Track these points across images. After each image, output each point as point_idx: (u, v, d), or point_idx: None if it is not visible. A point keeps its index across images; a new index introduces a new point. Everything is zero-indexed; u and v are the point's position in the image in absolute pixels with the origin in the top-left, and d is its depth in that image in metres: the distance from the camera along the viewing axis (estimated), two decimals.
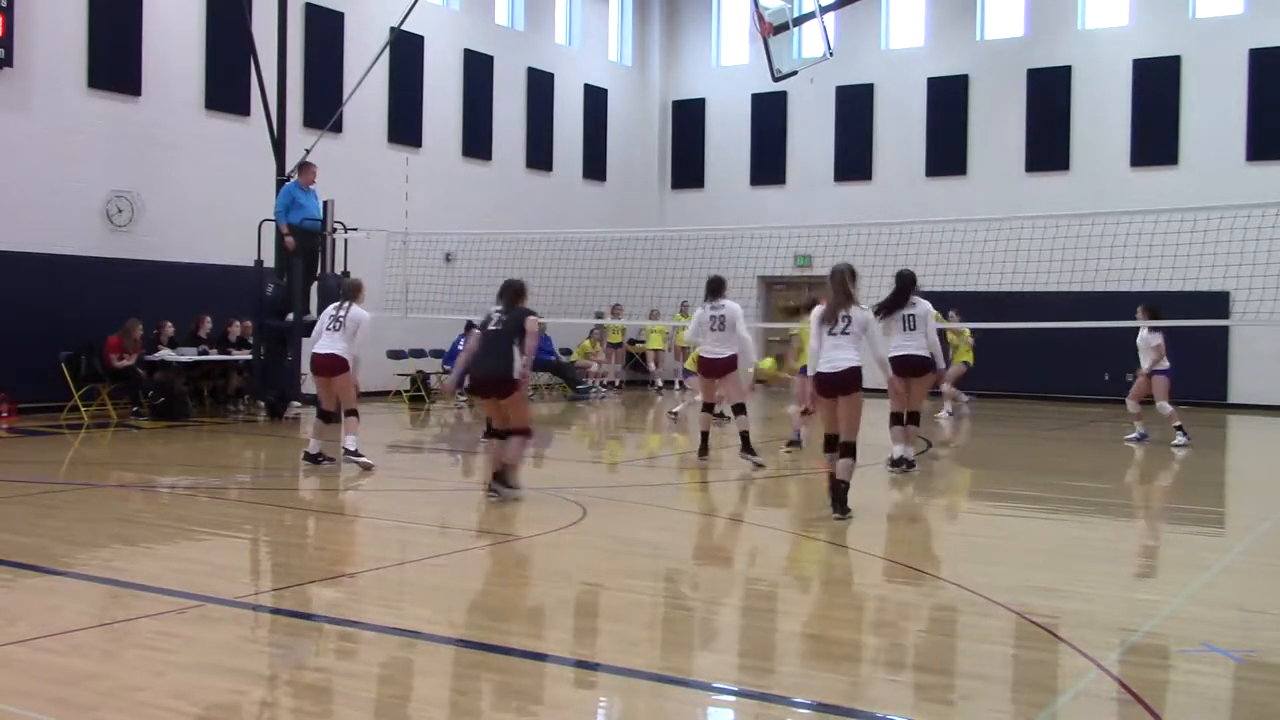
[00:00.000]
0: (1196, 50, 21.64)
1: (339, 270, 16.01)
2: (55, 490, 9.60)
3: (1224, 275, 13.92)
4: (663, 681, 4.55)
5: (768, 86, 21.13)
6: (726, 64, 26.37)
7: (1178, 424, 14.53)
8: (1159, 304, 14.61)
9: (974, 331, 17.69)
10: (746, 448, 11.49)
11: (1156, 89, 21.90)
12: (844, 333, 8.55)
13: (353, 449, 10.84)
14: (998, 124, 23.30)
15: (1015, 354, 21.18)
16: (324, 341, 10.89)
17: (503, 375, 9.06)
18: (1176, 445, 14.29)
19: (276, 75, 16.75)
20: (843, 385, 8.42)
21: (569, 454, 13.55)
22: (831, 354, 8.47)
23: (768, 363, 16.13)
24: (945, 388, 17.49)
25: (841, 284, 8.77)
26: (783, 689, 4.53)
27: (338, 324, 10.87)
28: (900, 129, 24.22)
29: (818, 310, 8.92)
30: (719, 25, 26.65)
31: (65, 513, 8.41)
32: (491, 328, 9.26)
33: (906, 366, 11.07)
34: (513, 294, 9.41)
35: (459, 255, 18.95)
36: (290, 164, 16.23)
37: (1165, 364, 14.61)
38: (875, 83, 24.53)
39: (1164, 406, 14.55)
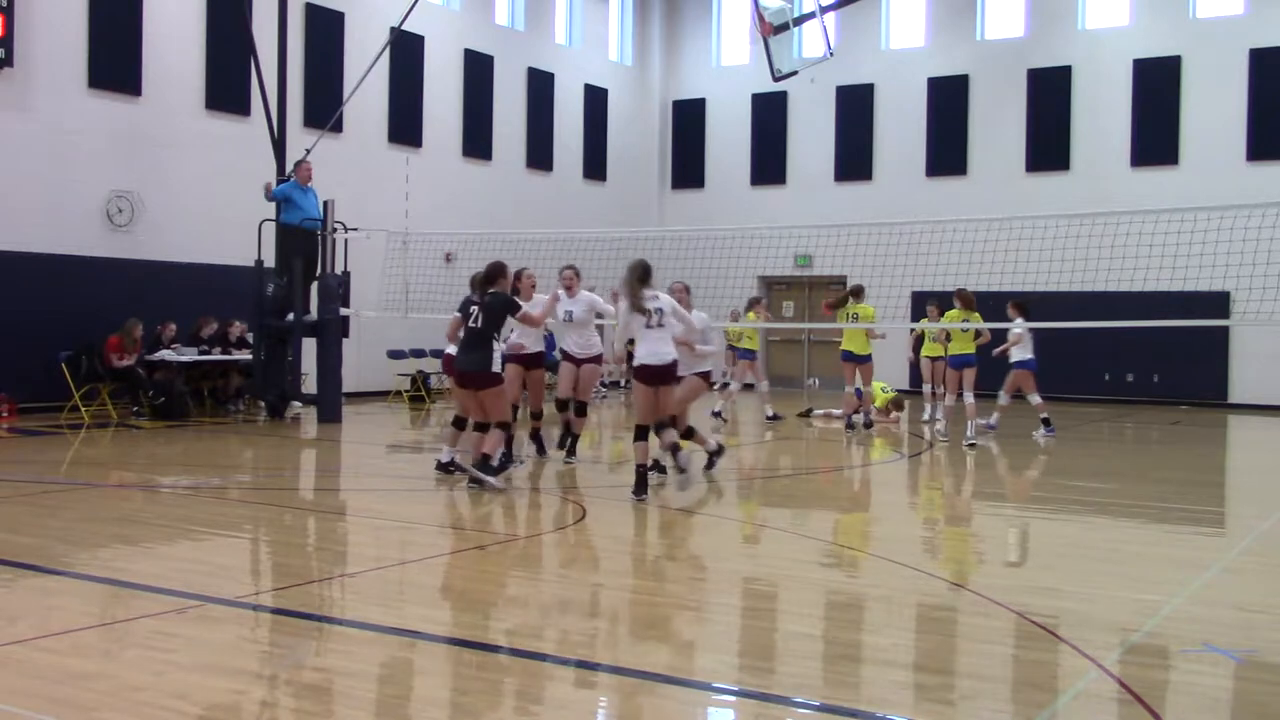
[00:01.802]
0: (1197, 50, 21.65)
1: (339, 270, 16.02)
2: (55, 490, 9.60)
3: (1224, 275, 13.91)
4: (663, 681, 4.55)
5: (768, 86, 21.14)
6: (727, 64, 26.38)
7: (1044, 416, 15.27)
8: (1029, 301, 15.45)
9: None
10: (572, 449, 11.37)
11: (1157, 89, 21.91)
12: (660, 324, 9.25)
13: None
14: (998, 124, 23.31)
15: None
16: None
17: (483, 369, 9.44)
18: (1042, 436, 15.06)
19: (277, 75, 16.75)
20: (665, 377, 9.25)
21: None
22: (656, 346, 9.18)
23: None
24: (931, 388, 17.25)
25: (646, 277, 9.39)
26: (783, 689, 4.53)
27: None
28: (901, 129, 24.23)
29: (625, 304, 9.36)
30: (719, 25, 26.66)
31: (65, 513, 8.41)
32: (471, 324, 9.51)
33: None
34: (485, 280, 9.63)
35: (459, 255, 18.95)
36: (290, 164, 16.25)
37: (1026, 356, 15.24)
38: (875, 83, 24.54)
39: (1034, 398, 15.12)
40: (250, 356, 16.16)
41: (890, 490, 11.05)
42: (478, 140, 22.56)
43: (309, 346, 15.82)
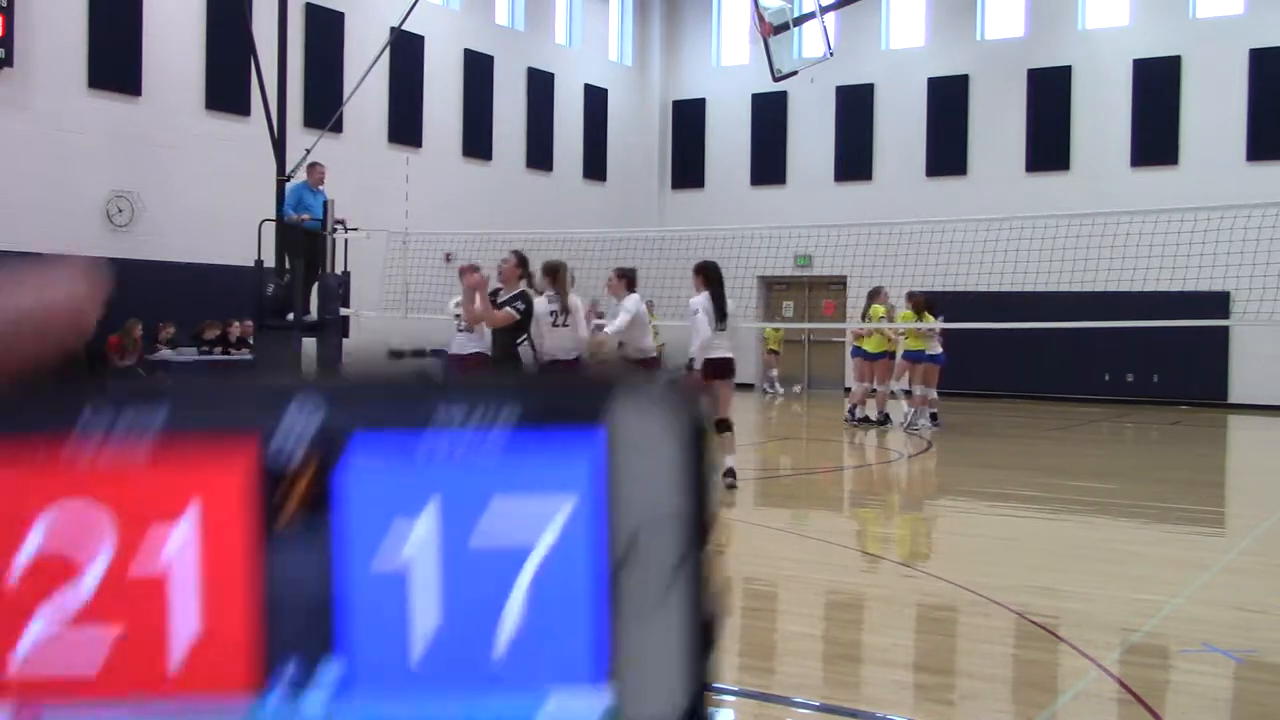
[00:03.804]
0: (1197, 50, 21.65)
1: (339, 270, 16.02)
2: None
3: (1224, 275, 13.95)
4: None
5: (768, 86, 21.15)
6: (727, 64, 26.38)
7: (934, 411, 15.50)
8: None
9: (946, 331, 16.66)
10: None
11: (1156, 89, 21.92)
12: (566, 324, 9.76)
13: None
14: (998, 124, 23.31)
15: (1015, 354, 21.21)
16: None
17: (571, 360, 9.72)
18: (924, 426, 15.24)
19: (277, 75, 16.73)
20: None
21: None
22: (562, 343, 9.61)
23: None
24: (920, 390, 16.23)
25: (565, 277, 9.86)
26: (783, 689, 4.53)
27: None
28: (900, 129, 24.23)
29: (545, 301, 9.69)
30: (719, 25, 26.66)
31: None
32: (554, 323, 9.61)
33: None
34: (550, 277, 9.76)
35: (459, 255, 18.95)
36: (290, 164, 16.23)
37: (936, 350, 15.41)
38: (875, 83, 24.54)
39: (929, 391, 15.17)
40: (250, 356, 16.16)
41: (890, 490, 11.05)
42: (478, 140, 22.56)
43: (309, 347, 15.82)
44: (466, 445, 0.33)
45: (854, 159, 24.68)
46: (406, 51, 20.63)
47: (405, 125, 21.11)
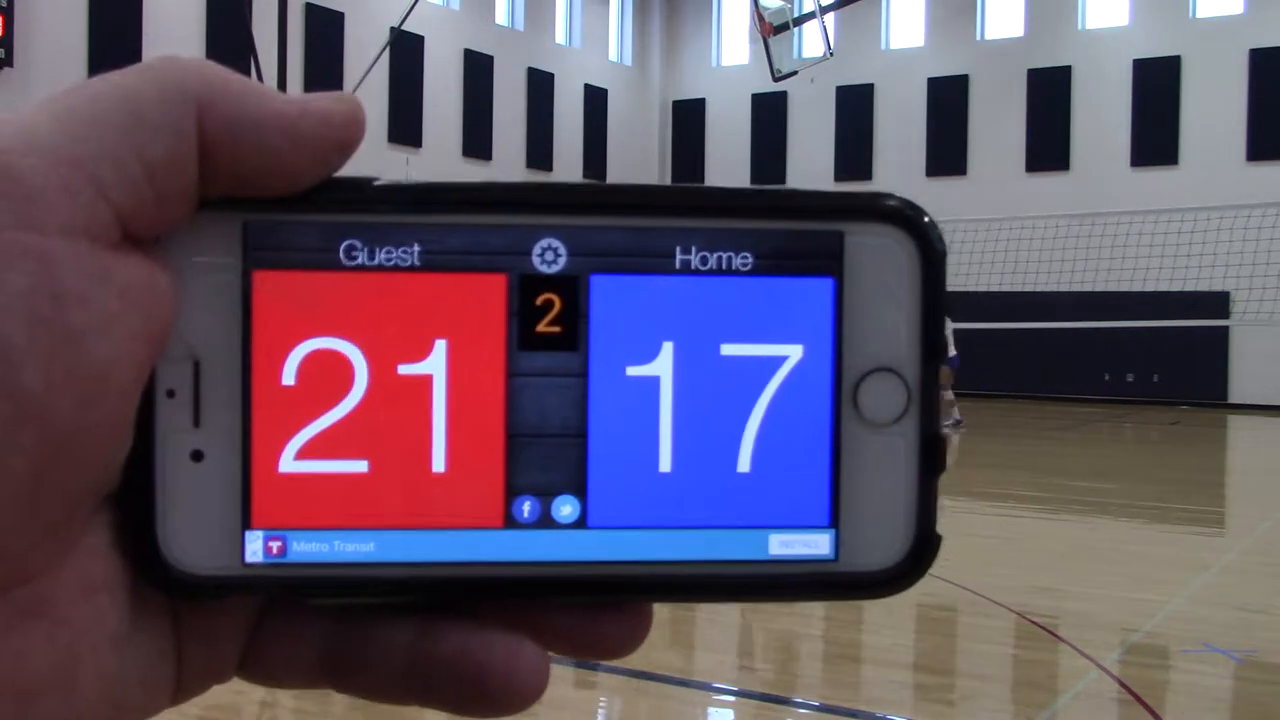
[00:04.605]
0: (1196, 50, 21.66)
1: None
2: None
3: (1224, 275, 13.95)
4: (663, 681, 4.55)
5: (768, 86, 21.16)
6: (727, 64, 26.39)
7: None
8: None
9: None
10: None
11: (1156, 89, 21.92)
12: None
13: None
14: (998, 124, 23.31)
15: (1015, 354, 21.21)
16: None
17: None
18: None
19: (276, 75, 16.75)
20: None
21: None
22: None
23: None
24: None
25: None
26: (783, 689, 4.53)
27: None
28: (900, 129, 24.24)
29: None
30: (719, 25, 26.67)
31: None
32: None
33: None
34: None
35: None
36: None
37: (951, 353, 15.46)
38: (875, 83, 24.55)
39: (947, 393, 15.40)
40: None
41: None
42: (478, 140, 22.57)
43: None
44: (702, 291, 0.34)
45: (854, 159, 24.68)
46: (406, 51, 20.64)
47: (405, 125, 21.11)
